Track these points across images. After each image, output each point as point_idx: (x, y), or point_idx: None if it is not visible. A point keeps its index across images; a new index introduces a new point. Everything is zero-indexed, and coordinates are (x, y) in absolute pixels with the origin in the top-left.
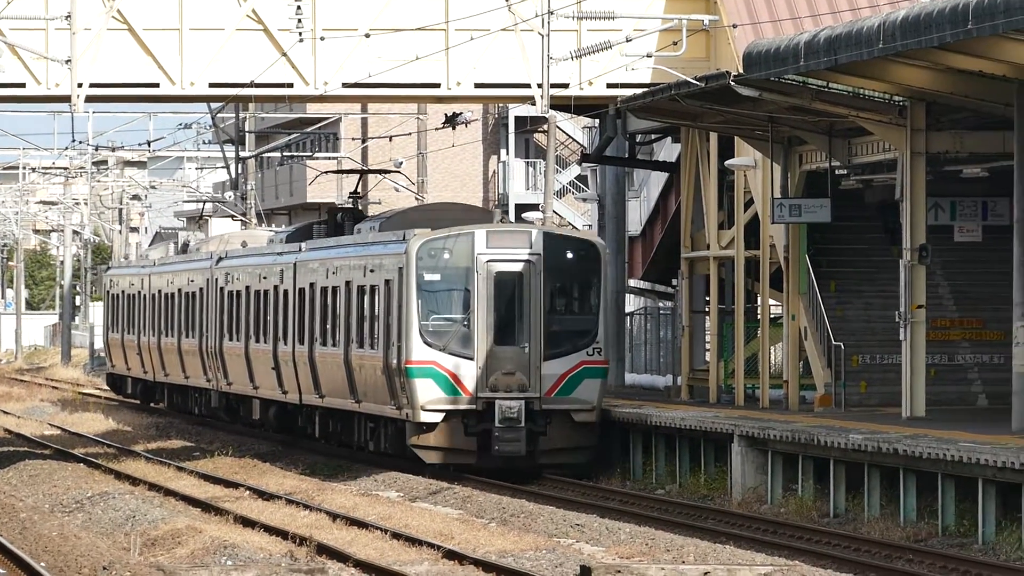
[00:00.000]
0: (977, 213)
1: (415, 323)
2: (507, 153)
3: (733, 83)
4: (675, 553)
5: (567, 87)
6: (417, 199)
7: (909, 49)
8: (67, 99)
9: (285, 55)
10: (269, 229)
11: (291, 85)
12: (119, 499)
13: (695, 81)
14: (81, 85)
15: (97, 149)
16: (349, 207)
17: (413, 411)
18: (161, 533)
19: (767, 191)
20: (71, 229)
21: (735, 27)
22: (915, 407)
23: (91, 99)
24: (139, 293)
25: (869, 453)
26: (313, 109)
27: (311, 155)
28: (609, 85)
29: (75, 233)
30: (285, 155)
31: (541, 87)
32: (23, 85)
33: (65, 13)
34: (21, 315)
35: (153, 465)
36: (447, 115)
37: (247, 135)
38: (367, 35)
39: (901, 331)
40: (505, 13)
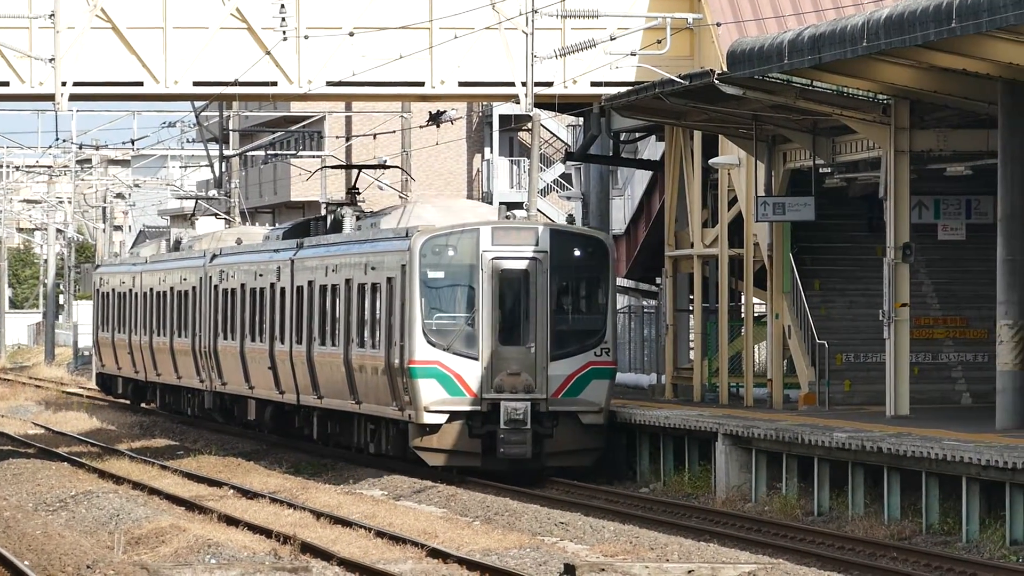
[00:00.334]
0: (961, 211)
1: (418, 322)
2: (491, 151)
3: (717, 81)
4: (659, 551)
5: (551, 85)
6: (401, 197)
7: (893, 47)
8: (51, 97)
9: (269, 54)
10: (264, 227)
11: (275, 84)
12: (103, 498)
13: (679, 79)
14: (65, 84)
15: (81, 147)
16: (347, 203)
17: (416, 412)
18: (145, 532)
19: (751, 189)
20: (55, 228)
21: (719, 25)
22: (899, 405)
23: (75, 97)
24: (130, 291)
25: (853, 451)
26: (297, 107)
27: (295, 154)
28: (593, 83)
29: (59, 232)
30: (269, 154)
31: (525, 85)
32: (7, 83)
33: (49, 12)
34: (4, 314)
35: (137, 464)
36: (431, 113)
37: (231, 133)
38: (351, 34)
39: (885, 329)
40: (489, 11)
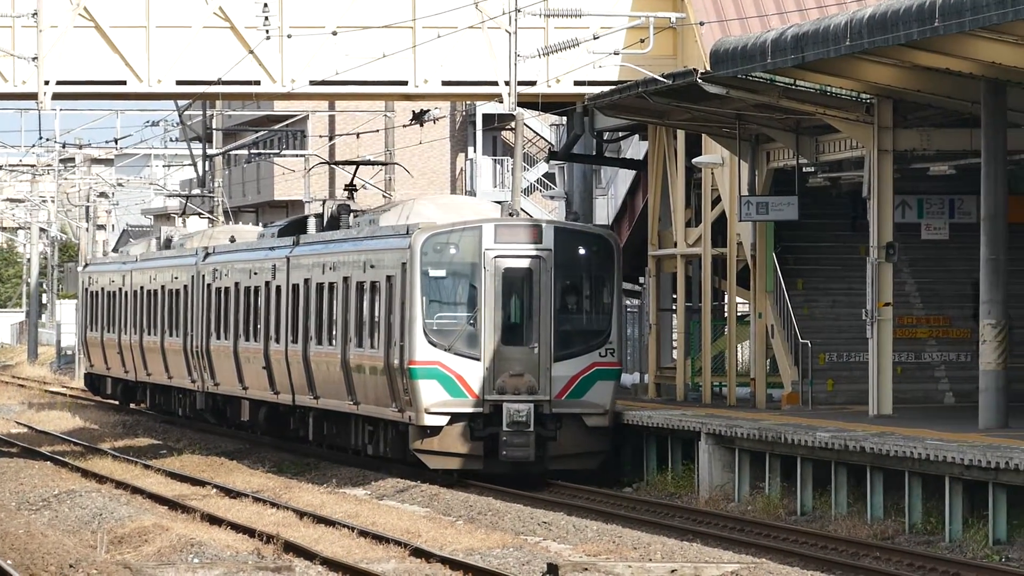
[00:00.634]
0: (944, 211)
1: (419, 322)
2: (474, 150)
3: (700, 81)
4: (642, 551)
5: (534, 84)
6: (385, 196)
7: (876, 47)
8: (34, 96)
9: (252, 53)
10: (249, 225)
11: (258, 83)
12: (86, 497)
13: (662, 79)
14: (48, 82)
15: (64, 146)
16: (344, 200)
17: (416, 414)
18: (128, 531)
19: (734, 189)
20: (38, 227)
21: (702, 25)
22: (882, 405)
23: (58, 96)
24: (119, 290)
25: (836, 451)
26: (280, 106)
27: (278, 153)
28: (576, 83)
29: (42, 231)
30: (252, 153)
31: (508, 84)
32: None
33: (32, 10)
34: None
35: (120, 463)
36: (414, 112)
37: (214, 132)
38: (334, 33)
39: (868, 329)
40: (472, 11)
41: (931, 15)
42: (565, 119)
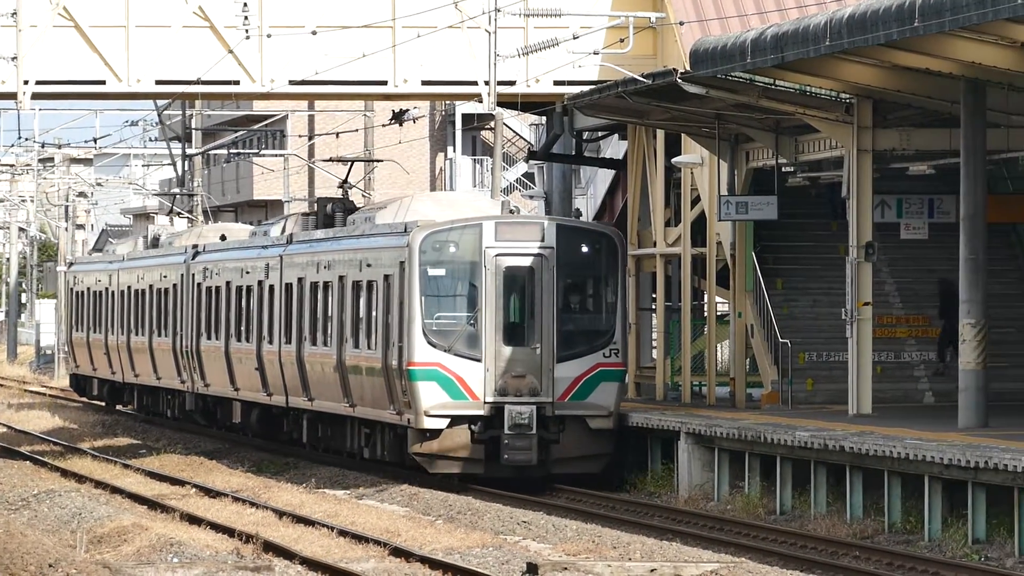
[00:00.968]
0: (923, 210)
1: (418, 322)
2: (454, 150)
3: (680, 80)
4: (622, 550)
5: (514, 84)
6: (364, 196)
7: (856, 46)
8: (13, 96)
9: (232, 52)
10: (239, 223)
11: (238, 82)
12: (65, 496)
13: (642, 78)
14: (27, 82)
15: (43, 146)
16: (339, 197)
17: (416, 417)
18: (107, 531)
19: (714, 188)
20: (17, 226)
21: (682, 24)
22: (861, 404)
23: (37, 96)
24: (106, 290)
25: (816, 450)
26: (260, 106)
27: (258, 152)
28: (556, 82)
29: (21, 230)
30: (232, 152)
31: (488, 84)
32: None
33: (11, 10)
34: None
35: (99, 463)
36: (394, 112)
37: (194, 132)
38: (314, 32)
39: (847, 328)
40: (452, 10)
41: (911, 15)
42: (545, 119)
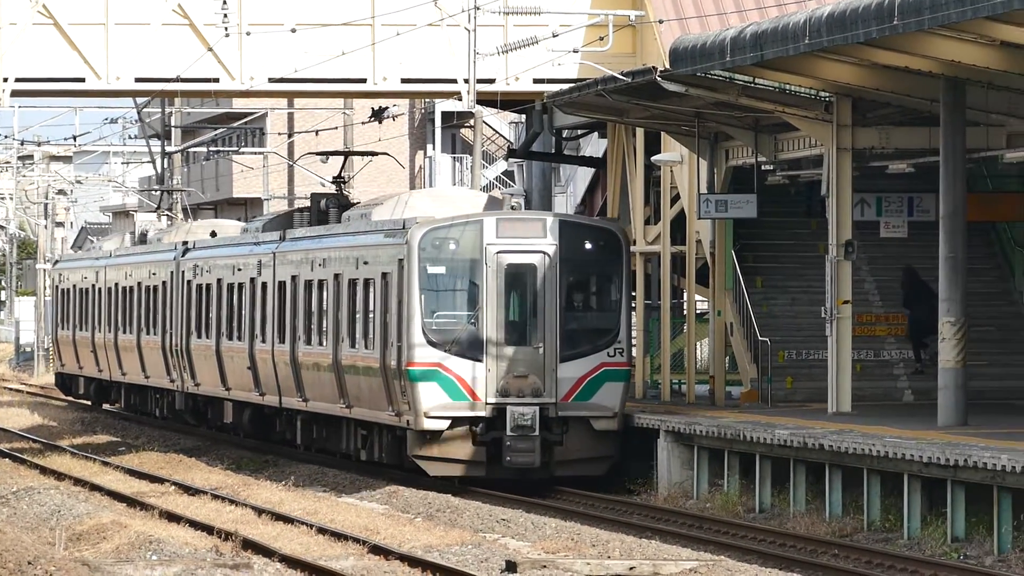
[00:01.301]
0: (903, 209)
1: (417, 321)
2: (433, 148)
3: (659, 79)
4: (601, 548)
5: (493, 82)
6: (345, 193)
7: (835, 45)
8: None
9: (211, 50)
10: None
11: (217, 80)
12: (44, 494)
13: (622, 77)
14: (6, 80)
15: (23, 143)
16: (333, 193)
17: (415, 418)
18: (86, 528)
19: (693, 186)
20: None
21: (661, 23)
22: (841, 402)
23: (16, 93)
24: (93, 287)
25: (795, 448)
26: (239, 104)
27: (237, 150)
28: (535, 80)
29: (0, 228)
30: (211, 150)
31: (467, 82)
32: None
33: None
34: None
35: (78, 460)
36: (373, 110)
37: (173, 130)
38: (293, 30)
39: (827, 327)
40: (431, 8)
41: (890, 13)
42: (524, 117)
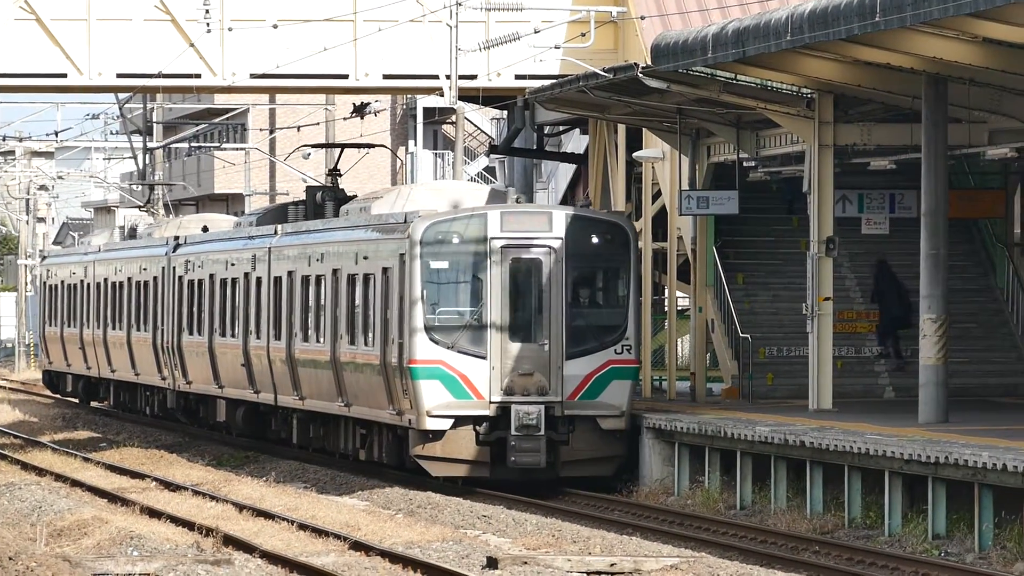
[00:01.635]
0: (885, 205)
1: (419, 317)
2: (415, 144)
3: (641, 75)
4: (581, 544)
5: (475, 78)
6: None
7: (817, 41)
8: None
9: (193, 46)
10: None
11: (199, 76)
12: (25, 490)
13: (603, 73)
14: None
15: (4, 139)
16: (329, 186)
17: (417, 417)
18: (67, 524)
19: (675, 183)
20: None
21: (643, 19)
22: (822, 399)
23: None
24: (81, 282)
25: (776, 445)
26: (221, 100)
27: (219, 146)
28: (517, 76)
29: None
30: (193, 146)
31: (449, 78)
32: None
33: None
34: None
35: (59, 456)
36: (355, 106)
37: (155, 125)
38: (275, 26)
39: (808, 323)
40: (413, 4)
41: (872, 10)
42: (506, 113)
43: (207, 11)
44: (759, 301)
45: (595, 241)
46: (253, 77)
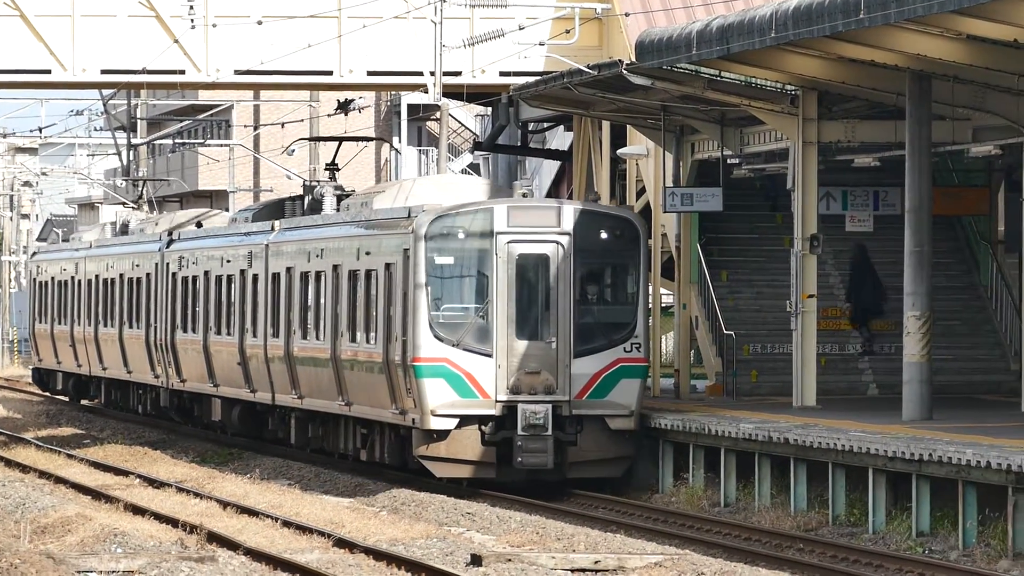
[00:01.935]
0: (869, 203)
1: (424, 314)
2: (399, 141)
3: (626, 72)
4: (566, 542)
5: (460, 75)
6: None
7: (801, 38)
8: None
9: (177, 42)
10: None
11: (183, 72)
12: (9, 487)
13: (588, 69)
14: None
15: None
16: (327, 181)
17: (421, 416)
18: (51, 521)
19: (659, 180)
20: None
21: (628, 16)
22: (806, 396)
23: None
24: (72, 279)
25: (760, 442)
26: (205, 96)
27: (203, 142)
28: (502, 73)
29: None
30: (177, 142)
31: (434, 75)
32: None
33: None
34: None
35: (43, 452)
36: (339, 102)
37: (139, 122)
38: (259, 22)
39: (792, 320)
40: (398, 1)
41: (856, 7)
42: (490, 110)
43: (191, 7)
44: (743, 298)
45: (604, 236)
46: (237, 73)
